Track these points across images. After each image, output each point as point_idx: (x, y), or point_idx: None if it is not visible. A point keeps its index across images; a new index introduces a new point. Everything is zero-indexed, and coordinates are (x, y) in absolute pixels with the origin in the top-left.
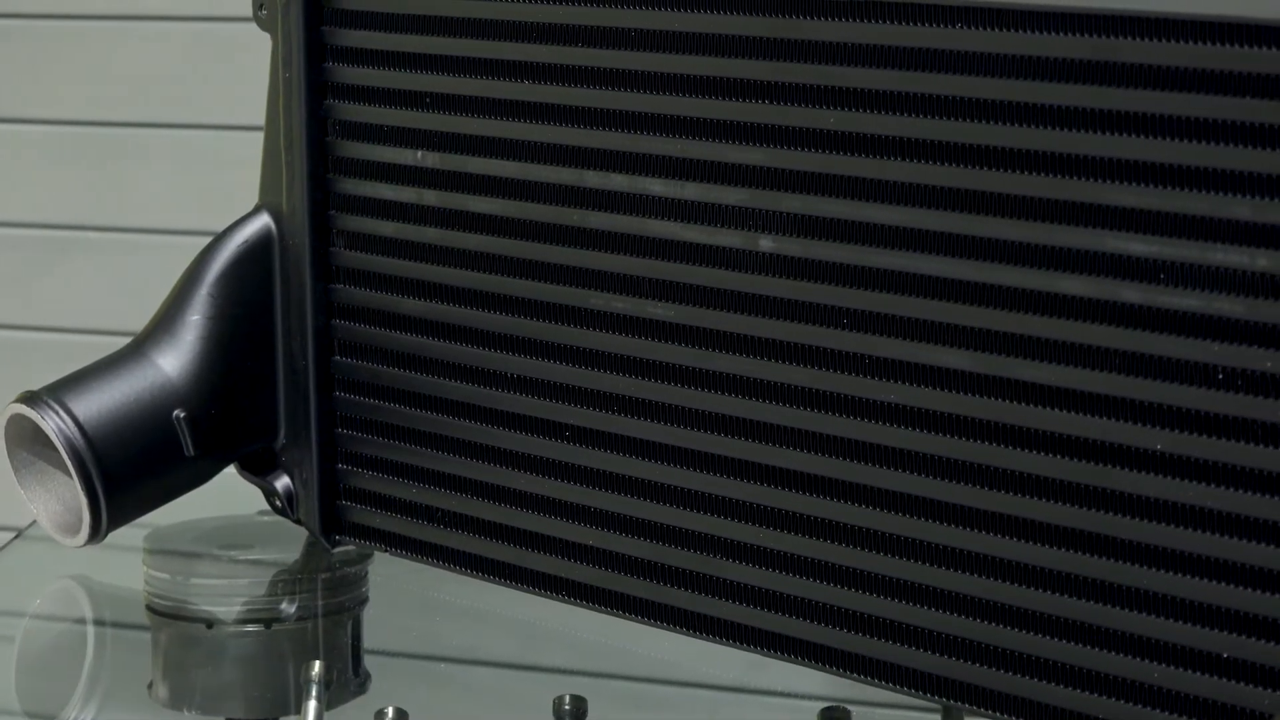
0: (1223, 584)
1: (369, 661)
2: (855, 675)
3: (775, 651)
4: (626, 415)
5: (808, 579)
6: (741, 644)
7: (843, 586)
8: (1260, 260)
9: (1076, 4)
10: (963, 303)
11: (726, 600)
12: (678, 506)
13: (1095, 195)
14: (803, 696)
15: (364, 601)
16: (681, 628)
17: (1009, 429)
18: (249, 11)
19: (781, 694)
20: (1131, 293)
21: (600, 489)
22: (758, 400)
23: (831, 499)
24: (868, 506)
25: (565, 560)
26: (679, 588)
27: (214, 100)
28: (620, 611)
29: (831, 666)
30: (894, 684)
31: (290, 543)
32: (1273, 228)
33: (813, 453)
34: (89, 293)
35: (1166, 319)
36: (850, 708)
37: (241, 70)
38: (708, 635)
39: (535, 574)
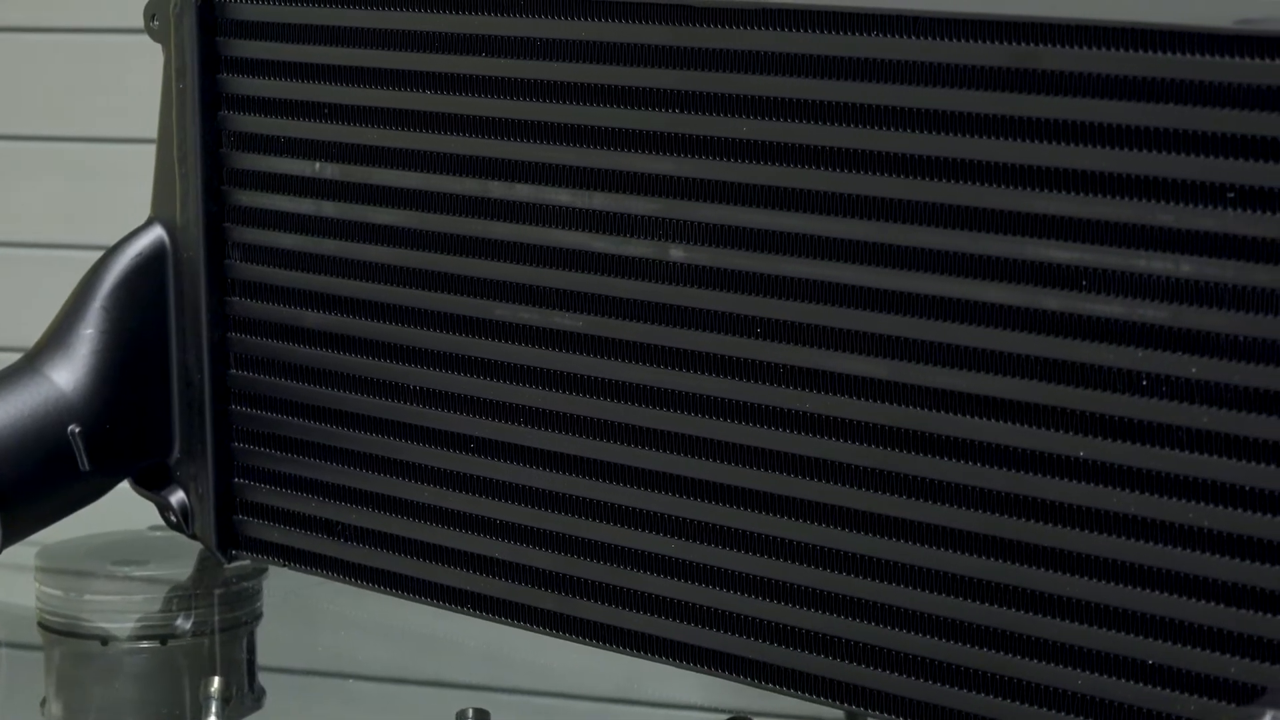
0: (1147, 590)
1: (264, 677)
2: (766, 684)
3: (685, 661)
4: (532, 427)
5: (719, 589)
6: (650, 654)
7: (754, 596)
8: (1184, 266)
9: (996, 12)
10: (880, 311)
11: (635, 611)
12: (585, 518)
13: (1015, 203)
14: (707, 709)
15: (259, 616)
16: (590, 639)
17: (927, 437)
18: (139, 23)
19: (689, 706)
20: (1052, 300)
21: (506, 501)
22: (668, 410)
23: (744, 509)
24: (781, 516)
25: (469, 573)
26: (586, 599)
27: (101, 112)
28: (526, 624)
29: (741, 675)
30: (807, 693)
31: (184, 558)
32: (1196, 234)
33: (725, 463)
34: None
35: (1089, 326)
36: (754, 717)
37: (131, 81)
38: (616, 646)
39: (438, 587)
